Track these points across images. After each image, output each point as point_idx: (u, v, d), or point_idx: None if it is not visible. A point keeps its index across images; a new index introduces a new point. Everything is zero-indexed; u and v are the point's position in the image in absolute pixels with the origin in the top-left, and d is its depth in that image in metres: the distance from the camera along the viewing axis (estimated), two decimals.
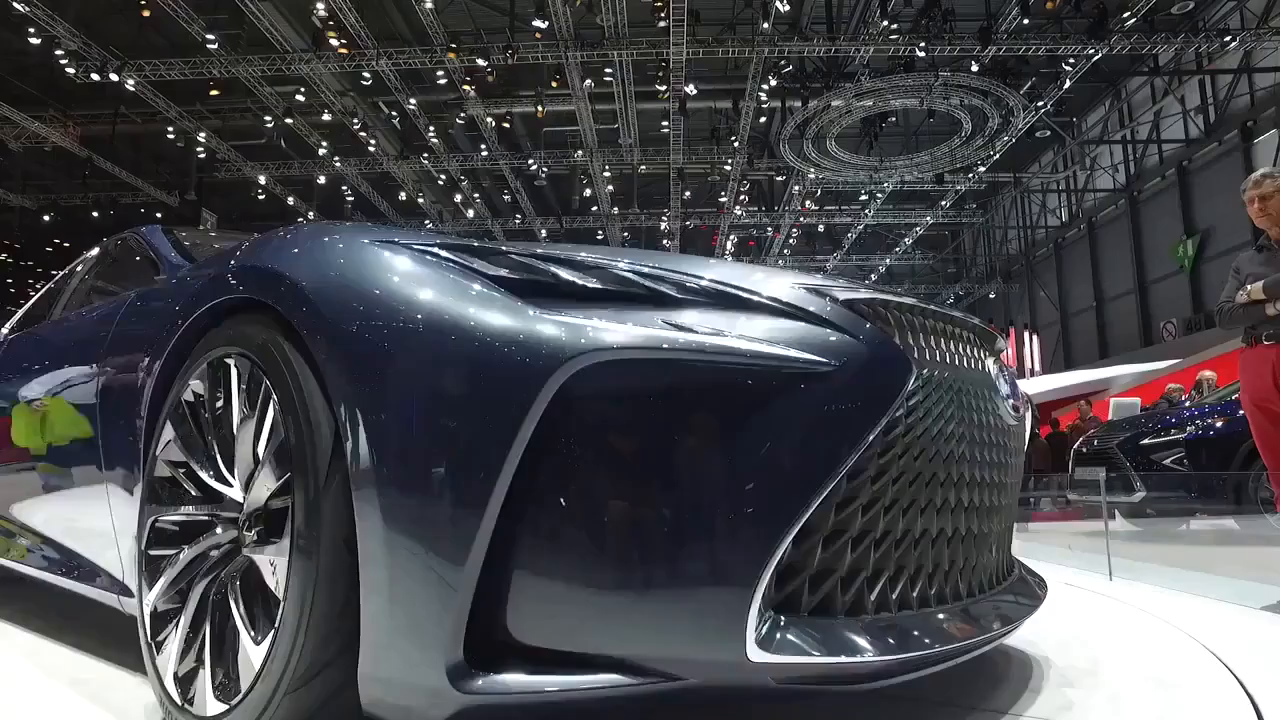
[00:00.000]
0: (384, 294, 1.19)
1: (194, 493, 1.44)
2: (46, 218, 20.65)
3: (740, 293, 1.23)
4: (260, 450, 1.28)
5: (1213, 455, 5.45)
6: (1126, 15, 13.89)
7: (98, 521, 1.76)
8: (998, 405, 1.52)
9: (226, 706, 1.21)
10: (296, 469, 1.18)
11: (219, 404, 1.41)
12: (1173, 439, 5.69)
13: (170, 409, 1.49)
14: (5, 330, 2.99)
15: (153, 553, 1.44)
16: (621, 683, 1.07)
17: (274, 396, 1.25)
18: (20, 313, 3.08)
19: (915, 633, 1.22)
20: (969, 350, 1.51)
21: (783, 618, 1.13)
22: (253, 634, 1.21)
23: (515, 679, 1.07)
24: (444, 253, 1.25)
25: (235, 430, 1.36)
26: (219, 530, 1.37)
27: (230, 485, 1.37)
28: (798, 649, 1.10)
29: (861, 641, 1.15)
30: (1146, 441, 5.80)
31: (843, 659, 1.12)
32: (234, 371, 1.36)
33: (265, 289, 1.33)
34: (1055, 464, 11.62)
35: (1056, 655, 1.92)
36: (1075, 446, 6.79)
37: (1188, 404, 7.19)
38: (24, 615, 2.40)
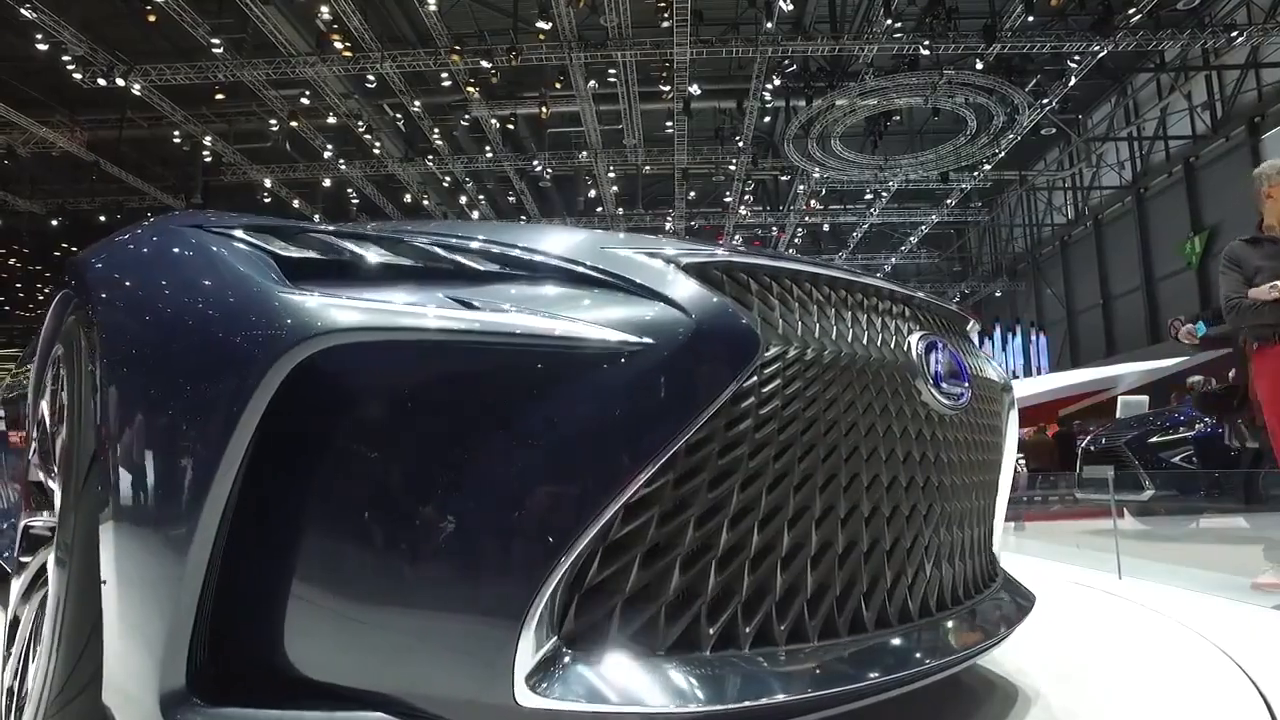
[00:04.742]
0: (147, 283, 1.09)
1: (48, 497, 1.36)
2: (54, 222, 20.76)
3: (554, 262, 1.07)
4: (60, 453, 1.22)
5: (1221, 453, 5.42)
6: (1132, 11, 13.83)
7: None
8: (920, 391, 1.24)
9: None
10: (64, 472, 1.09)
11: (53, 404, 1.34)
12: (1181, 437, 5.67)
13: (36, 410, 1.44)
14: None
15: (22, 559, 1.36)
16: None
17: (66, 395, 1.18)
18: None
19: (755, 677, 0.98)
20: (884, 324, 1.27)
21: (571, 654, 0.93)
22: (34, 651, 1.11)
23: (245, 713, 0.91)
24: (238, 233, 1.11)
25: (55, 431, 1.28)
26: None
27: None
28: (582, 693, 0.90)
29: (671, 686, 0.93)
30: (1155, 440, 5.79)
31: (642, 708, 0.91)
32: (61, 370, 1.29)
33: (76, 281, 1.26)
34: (1063, 463, 11.59)
35: (1058, 657, 1.90)
36: (1084, 445, 6.77)
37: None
38: None
